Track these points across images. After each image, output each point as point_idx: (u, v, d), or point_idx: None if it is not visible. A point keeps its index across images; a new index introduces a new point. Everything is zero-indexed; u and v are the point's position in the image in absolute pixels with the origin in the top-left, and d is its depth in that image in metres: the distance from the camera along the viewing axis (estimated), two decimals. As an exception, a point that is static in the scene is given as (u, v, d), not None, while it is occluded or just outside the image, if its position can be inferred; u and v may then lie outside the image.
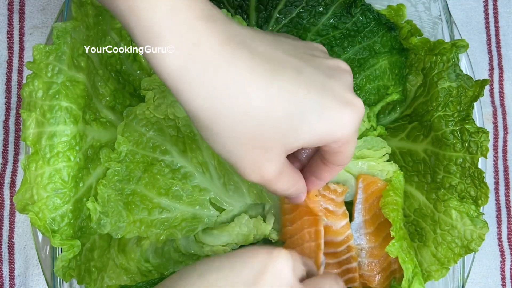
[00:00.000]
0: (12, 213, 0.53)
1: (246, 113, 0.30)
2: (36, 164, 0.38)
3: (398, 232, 0.44)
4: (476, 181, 0.42)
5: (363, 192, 0.48)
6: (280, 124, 0.30)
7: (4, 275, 0.53)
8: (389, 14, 0.49)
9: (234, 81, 0.29)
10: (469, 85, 0.44)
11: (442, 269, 0.43)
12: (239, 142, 0.31)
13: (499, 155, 0.60)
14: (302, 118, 0.31)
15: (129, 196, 0.46)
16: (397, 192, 0.47)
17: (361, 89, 0.50)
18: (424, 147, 0.47)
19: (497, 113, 0.61)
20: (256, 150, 0.31)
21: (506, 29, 0.62)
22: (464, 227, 0.42)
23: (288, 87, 0.30)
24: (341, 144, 0.33)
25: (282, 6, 0.48)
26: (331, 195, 0.47)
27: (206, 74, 0.29)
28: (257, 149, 0.31)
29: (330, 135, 0.32)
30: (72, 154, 0.40)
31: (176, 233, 0.46)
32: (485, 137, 0.42)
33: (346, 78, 0.34)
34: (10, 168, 0.54)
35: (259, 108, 0.30)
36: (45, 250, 0.41)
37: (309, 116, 0.31)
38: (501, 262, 0.59)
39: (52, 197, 0.39)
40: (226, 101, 0.29)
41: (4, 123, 0.55)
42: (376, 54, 0.49)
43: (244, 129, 0.30)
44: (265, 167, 0.32)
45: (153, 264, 0.47)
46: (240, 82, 0.29)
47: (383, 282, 0.47)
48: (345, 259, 0.47)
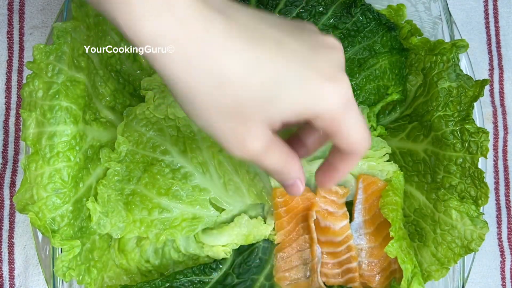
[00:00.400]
0: (12, 213, 0.53)
1: (221, 81, 0.28)
2: (36, 164, 0.38)
3: (397, 232, 0.44)
4: (476, 181, 0.42)
5: (363, 192, 0.48)
6: (257, 93, 0.29)
7: (4, 275, 0.53)
8: (389, 14, 0.49)
9: (209, 47, 0.28)
10: (469, 85, 0.44)
11: (442, 269, 0.43)
12: (217, 112, 0.30)
13: (499, 155, 0.60)
14: (281, 88, 0.30)
15: (129, 196, 0.46)
16: (397, 192, 0.47)
17: (361, 89, 0.50)
18: (424, 147, 0.47)
19: (497, 113, 0.61)
20: (236, 120, 0.30)
21: (506, 29, 0.62)
22: (464, 227, 0.42)
23: (267, 56, 0.29)
24: (328, 122, 0.31)
25: (282, 6, 0.48)
26: (332, 197, 0.47)
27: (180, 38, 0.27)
28: (236, 119, 0.30)
29: (311, 108, 0.30)
30: (72, 154, 0.40)
31: (176, 233, 0.46)
32: (485, 137, 0.42)
33: (334, 55, 0.32)
34: (10, 168, 0.54)
35: (234, 75, 0.28)
36: (45, 250, 0.41)
37: (289, 85, 0.30)
38: (501, 262, 0.59)
39: (52, 197, 0.39)
40: (201, 68, 0.28)
41: (4, 123, 0.55)
42: (376, 54, 0.49)
43: (221, 98, 0.29)
44: (248, 140, 0.31)
45: (153, 264, 0.47)
46: (215, 48, 0.28)
47: (383, 282, 0.47)
48: (345, 259, 0.47)
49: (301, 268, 0.47)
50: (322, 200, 0.47)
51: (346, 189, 0.48)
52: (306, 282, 0.47)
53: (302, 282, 0.47)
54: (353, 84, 0.49)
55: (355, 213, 0.48)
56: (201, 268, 0.46)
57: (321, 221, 0.47)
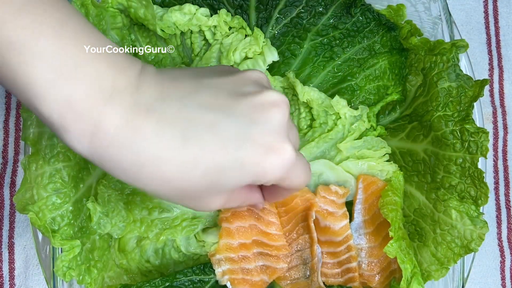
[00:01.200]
0: (12, 213, 0.53)
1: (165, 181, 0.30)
2: (36, 164, 0.38)
3: (396, 232, 0.44)
4: (476, 181, 0.42)
5: (363, 192, 0.48)
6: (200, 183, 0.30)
7: (4, 275, 0.53)
8: (389, 14, 0.49)
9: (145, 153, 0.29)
10: (469, 85, 0.44)
11: (442, 269, 0.43)
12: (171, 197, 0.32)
13: (499, 155, 0.60)
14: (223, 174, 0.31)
15: (129, 196, 0.46)
16: (396, 192, 0.47)
17: (361, 89, 0.50)
18: (424, 147, 0.47)
19: (497, 113, 0.61)
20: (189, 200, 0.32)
21: (506, 29, 0.62)
22: (464, 227, 0.42)
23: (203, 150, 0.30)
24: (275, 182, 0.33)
25: (282, 6, 0.48)
26: (331, 197, 0.47)
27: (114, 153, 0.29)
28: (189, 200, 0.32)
29: (257, 181, 0.32)
30: (72, 154, 0.40)
31: (176, 233, 0.46)
32: (485, 137, 0.42)
33: (275, 117, 0.32)
34: (10, 168, 0.54)
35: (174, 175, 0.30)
36: (45, 250, 0.41)
37: (230, 173, 0.31)
38: (501, 262, 0.59)
39: (52, 197, 0.39)
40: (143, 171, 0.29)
41: (4, 123, 0.55)
42: (376, 54, 0.49)
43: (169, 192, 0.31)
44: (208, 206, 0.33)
45: (153, 264, 0.47)
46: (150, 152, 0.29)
47: (382, 282, 0.47)
48: (345, 258, 0.47)
49: (301, 268, 0.47)
50: (321, 200, 0.47)
51: (346, 189, 0.48)
52: (306, 282, 0.47)
53: (301, 282, 0.47)
54: (353, 84, 0.49)
55: (355, 213, 0.48)
56: (201, 268, 0.46)
57: (321, 221, 0.47)
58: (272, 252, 0.46)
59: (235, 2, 0.48)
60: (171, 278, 0.45)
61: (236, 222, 0.46)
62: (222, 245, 0.46)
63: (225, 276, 0.45)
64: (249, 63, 0.47)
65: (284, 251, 0.46)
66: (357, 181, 0.48)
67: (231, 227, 0.46)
